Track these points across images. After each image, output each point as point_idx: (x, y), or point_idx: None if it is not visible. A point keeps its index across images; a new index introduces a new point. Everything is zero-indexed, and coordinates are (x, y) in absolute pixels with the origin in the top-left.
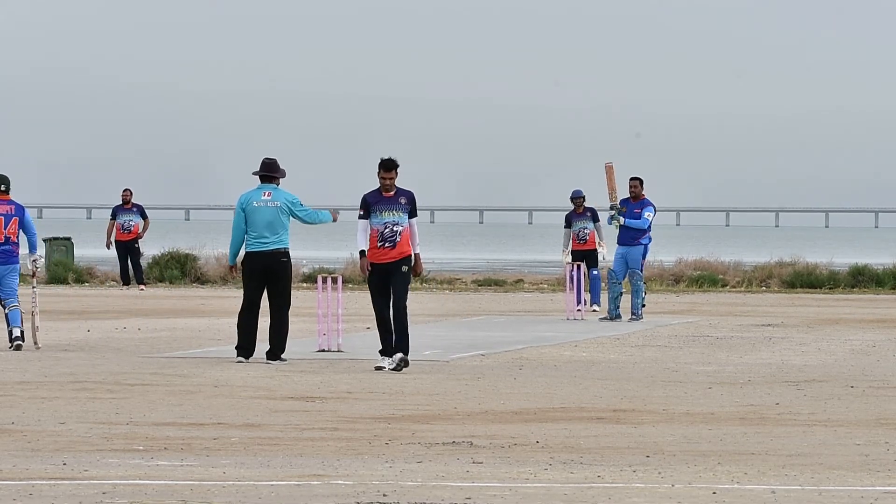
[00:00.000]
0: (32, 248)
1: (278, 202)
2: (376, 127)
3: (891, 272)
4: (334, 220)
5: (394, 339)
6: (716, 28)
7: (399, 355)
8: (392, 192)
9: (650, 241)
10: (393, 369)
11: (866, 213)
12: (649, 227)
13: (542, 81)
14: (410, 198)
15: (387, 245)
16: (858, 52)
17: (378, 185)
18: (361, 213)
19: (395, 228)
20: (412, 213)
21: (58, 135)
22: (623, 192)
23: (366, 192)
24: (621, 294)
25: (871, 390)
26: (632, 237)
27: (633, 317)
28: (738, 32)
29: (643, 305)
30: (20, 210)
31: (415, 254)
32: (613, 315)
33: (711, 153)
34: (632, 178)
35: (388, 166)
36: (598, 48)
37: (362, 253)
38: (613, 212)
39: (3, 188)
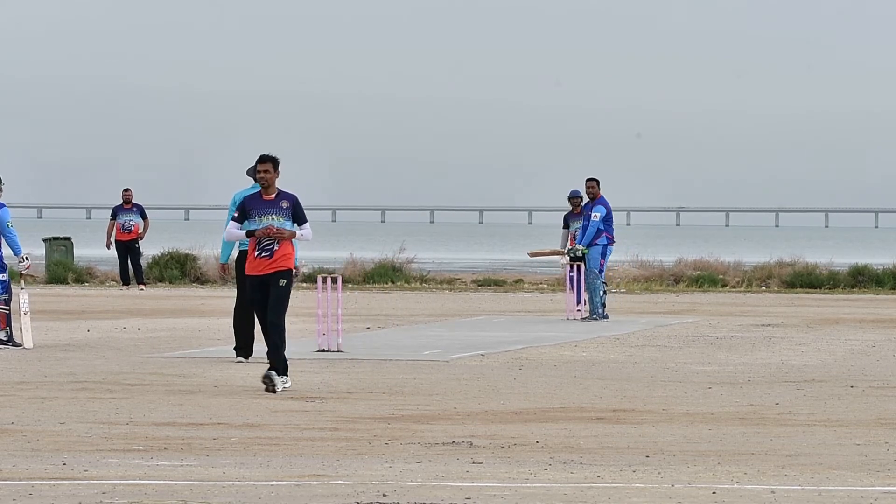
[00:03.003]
0: (12, 250)
1: None
2: (375, 127)
3: (891, 272)
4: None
5: (268, 352)
6: (716, 28)
7: (269, 372)
8: (273, 195)
9: (609, 242)
10: (269, 389)
11: (866, 213)
12: (603, 226)
13: (542, 81)
14: (293, 201)
15: (264, 255)
16: (859, 53)
17: (256, 186)
18: (236, 214)
19: None
20: (298, 218)
21: (58, 135)
22: (554, 243)
23: (246, 194)
24: (605, 293)
25: (871, 390)
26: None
27: (593, 316)
28: (738, 32)
29: (604, 305)
30: None
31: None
32: (599, 315)
33: (711, 153)
34: (588, 179)
35: (262, 158)
36: (598, 48)
37: (249, 232)
38: (573, 252)
39: None
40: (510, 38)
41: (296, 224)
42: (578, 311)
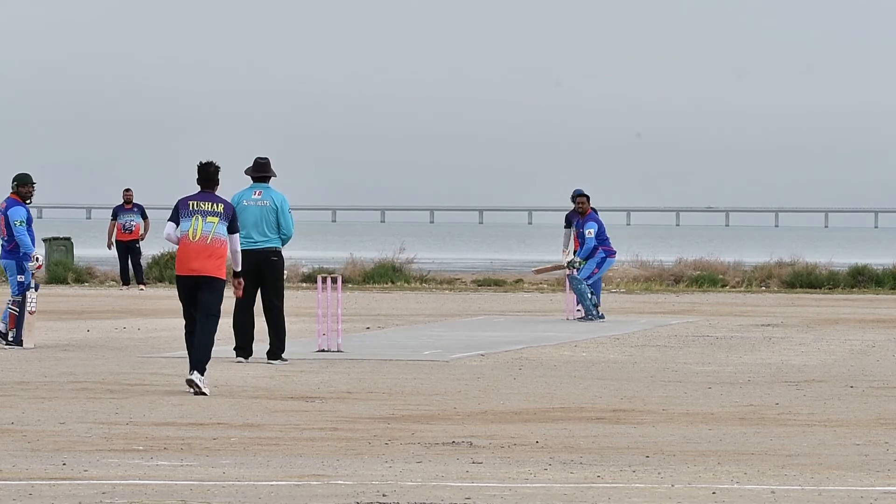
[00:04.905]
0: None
1: (267, 201)
2: (375, 127)
3: (890, 272)
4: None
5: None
6: (716, 28)
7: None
8: None
9: (609, 254)
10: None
11: (866, 213)
12: (596, 242)
13: (542, 81)
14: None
15: None
16: (858, 53)
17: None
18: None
19: None
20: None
21: (58, 135)
22: (552, 255)
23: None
24: (592, 293)
25: (871, 390)
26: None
27: (588, 317)
28: (739, 32)
29: (596, 305)
30: (5, 209)
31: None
32: (594, 316)
33: (712, 153)
34: (577, 196)
35: None
36: (598, 48)
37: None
38: (572, 264)
39: (13, 185)
40: (510, 38)
41: None
42: (578, 311)
